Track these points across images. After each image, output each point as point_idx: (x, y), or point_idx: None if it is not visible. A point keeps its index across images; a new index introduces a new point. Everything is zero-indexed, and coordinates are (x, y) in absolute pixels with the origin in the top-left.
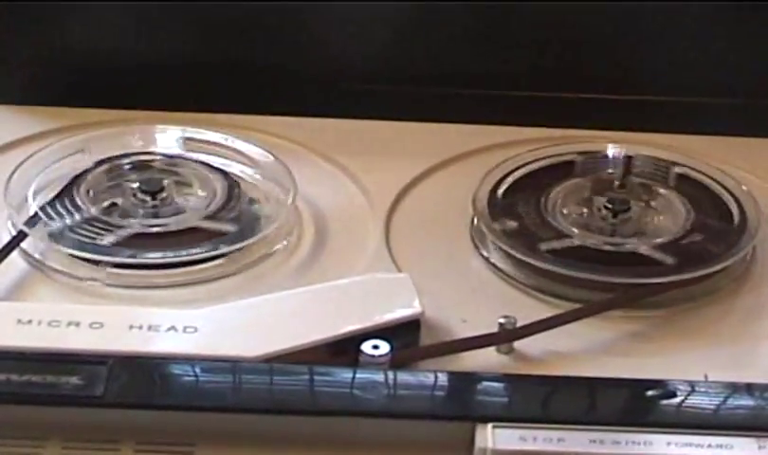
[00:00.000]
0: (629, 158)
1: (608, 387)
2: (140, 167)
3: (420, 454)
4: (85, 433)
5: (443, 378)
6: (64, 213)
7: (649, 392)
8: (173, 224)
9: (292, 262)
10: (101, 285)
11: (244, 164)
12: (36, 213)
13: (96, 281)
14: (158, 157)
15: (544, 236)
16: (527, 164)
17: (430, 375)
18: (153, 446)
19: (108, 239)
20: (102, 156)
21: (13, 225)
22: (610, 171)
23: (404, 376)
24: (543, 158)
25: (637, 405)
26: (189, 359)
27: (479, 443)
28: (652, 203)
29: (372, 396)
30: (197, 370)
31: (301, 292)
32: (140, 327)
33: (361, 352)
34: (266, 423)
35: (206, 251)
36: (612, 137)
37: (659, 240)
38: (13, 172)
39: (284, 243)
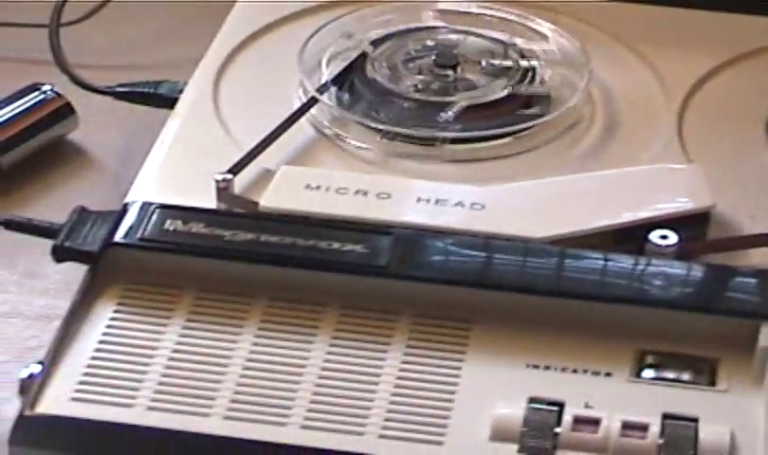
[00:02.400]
0: None
1: None
2: (434, 42)
3: (700, 347)
4: (365, 302)
5: (729, 273)
6: (356, 81)
7: None
8: (466, 100)
9: (581, 145)
10: (384, 155)
11: (538, 43)
12: (327, 82)
13: (377, 150)
14: (448, 34)
15: None
16: None
17: (718, 269)
18: (430, 320)
19: (397, 111)
20: (397, 28)
21: (305, 91)
22: None
23: (690, 268)
24: None
25: None
26: (474, 235)
27: (763, 341)
28: None
29: (659, 284)
30: (482, 246)
31: (590, 176)
32: (428, 200)
33: (648, 240)
34: (550, 305)
35: (490, 129)
36: None
37: None
38: (309, 39)
39: (575, 126)
